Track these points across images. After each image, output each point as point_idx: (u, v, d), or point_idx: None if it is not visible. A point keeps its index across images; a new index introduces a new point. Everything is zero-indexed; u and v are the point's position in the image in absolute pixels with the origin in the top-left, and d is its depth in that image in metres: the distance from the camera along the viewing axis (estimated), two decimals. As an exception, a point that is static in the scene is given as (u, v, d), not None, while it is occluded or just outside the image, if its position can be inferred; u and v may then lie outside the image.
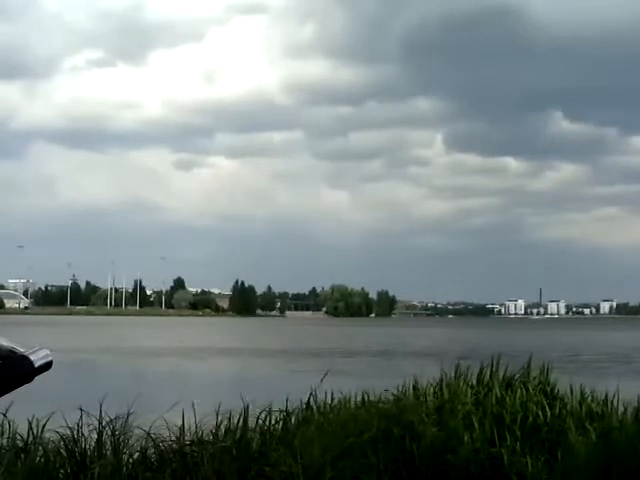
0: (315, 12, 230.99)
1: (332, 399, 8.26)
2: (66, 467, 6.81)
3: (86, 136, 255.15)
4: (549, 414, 7.94)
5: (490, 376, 9.01)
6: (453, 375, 9.01)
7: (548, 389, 8.80)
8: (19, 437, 7.03)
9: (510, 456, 7.24)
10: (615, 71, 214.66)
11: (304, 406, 7.97)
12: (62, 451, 6.92)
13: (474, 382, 8.93)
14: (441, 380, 8.87)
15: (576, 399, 8.59)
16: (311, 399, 8.10)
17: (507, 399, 8.25)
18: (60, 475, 6.74)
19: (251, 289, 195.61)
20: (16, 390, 1.55)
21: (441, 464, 7.13)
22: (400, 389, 8.69)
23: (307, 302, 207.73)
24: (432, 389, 8.75)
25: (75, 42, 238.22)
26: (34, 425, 7.08)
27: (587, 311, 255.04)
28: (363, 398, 8.40)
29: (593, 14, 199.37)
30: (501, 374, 9.04)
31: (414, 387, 8.81)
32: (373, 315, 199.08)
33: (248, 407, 7.56)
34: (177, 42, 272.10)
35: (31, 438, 7.02)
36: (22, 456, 6.81)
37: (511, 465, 7.18)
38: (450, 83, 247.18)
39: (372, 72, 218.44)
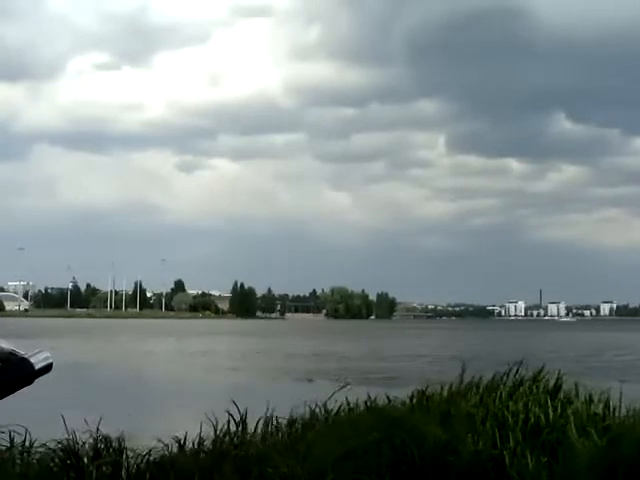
0: (320, 14, 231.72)
1: (340, 406, 8.30)
2: (63, 471, 6.79)
3: (89, 138, 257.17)
4: (551, 415, 7.94)
5: (501, 378, 9.05)
6: (462, 379, 9.05)
7: (561, 393, 8.81)
8: (17, 440, 7.02)
9: (512, 457, 7.25)
10: (617, 72, 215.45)
11: (309, 411, 8.01)
12: (60, 455, 6.90)
13: (482, 385, 8.96)
14: (450, 384, 8.90)
15: (580, 401, 8.61)
16: (316, 405, 8.13)
17: (510, 401, 8.27)
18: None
19: (251, 291, 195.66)
20: (16, 392, 1.52)
21: (443, 465, 7.13)
22: (407, 394, 8.74)
23: (307, 304, 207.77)
24: (439, 393, 8.78)
25: (80, 44, 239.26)
26: (32, 429, 7.07)
27: (587, 312, 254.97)
28: (368, 403, 8.43)
29: (596, 15, 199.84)
30: (511, 377, 9.08)
31: (421, 391, 8.85)
32: (373, 317, 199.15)
33: (247, 411, 7.59)
34: (182, 44, 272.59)
35: (29, 442, 7.00)
36: (19, 458, 6.80)
37: (512, 466, 7.18)
38: (453, 84, 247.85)
39: (376, 74, 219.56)
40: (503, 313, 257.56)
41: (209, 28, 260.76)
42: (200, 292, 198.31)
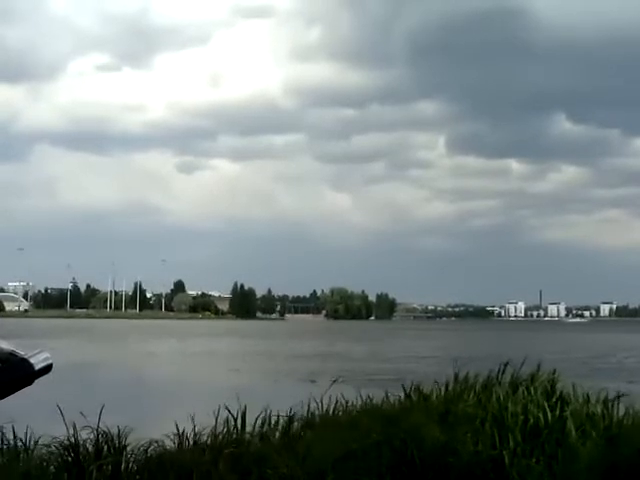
0: (321, 15, 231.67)
1: (336, 403, 8.30)
2: (64, 470, 6.79)
3: (89, 139, 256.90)
4: (550, 416, 7.95)
5: (497, 378, 9.06)
6: (459, 379, 9.06)
7: (557, 392, 8.82)
8: (18, 440, 7.02)
9: (511, 458, 7.26)
10: (617, 72, 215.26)
11: (307, 411, 8.01)
12: (60, 455, 6.90)
13: (479, 386, 8.97)
14: (447, 384, 8.91)
15: (579, 401, 8.62)
16: (313, 404, 8.14)
17: (509, 402, 8.27)
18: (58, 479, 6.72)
19: (251, 292, 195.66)
20: (16, 393, 1.53)
21: (443, 466, 7.14)
22: (405, 393, 8.75)
23: (307, 305, 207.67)
24: (437, 393, 8.80)
25: (81, 45, 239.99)
26: (32, 429, 7.07)
27: (587, 313, 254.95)
28: (367, 403, 8.44)
29: (596, 15, 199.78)
30: (508, 378, 9.10)
31: (419, 391, 8.86)
32: (373, 318, 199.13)
33: (246, 410, 7.60)
34: (183, 45, 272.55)
35: (29, 442, 7.00)
36: (19, 458, 6.80)
37: (512, 467, 7.19)
38: (453, 85, 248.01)
39: (376, 75, 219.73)
40: (503, 314, 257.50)
41: (210, 29, 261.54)
42: (200, 293, 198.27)
